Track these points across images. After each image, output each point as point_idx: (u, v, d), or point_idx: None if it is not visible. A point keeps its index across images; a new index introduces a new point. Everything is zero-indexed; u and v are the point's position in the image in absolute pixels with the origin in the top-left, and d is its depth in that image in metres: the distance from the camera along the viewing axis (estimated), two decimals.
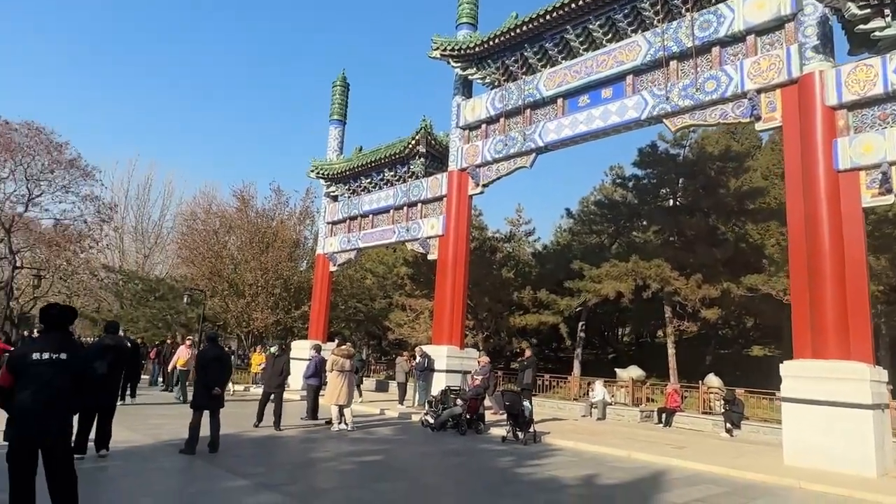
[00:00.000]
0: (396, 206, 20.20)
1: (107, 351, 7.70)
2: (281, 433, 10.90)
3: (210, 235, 26.93)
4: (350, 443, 10.38)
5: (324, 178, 22.93)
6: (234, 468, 7.44)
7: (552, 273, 22.26)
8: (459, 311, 17.36)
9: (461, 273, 17.50)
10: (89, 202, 28.34)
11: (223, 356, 8.98)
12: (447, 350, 16.68)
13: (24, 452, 4.46)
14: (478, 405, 12.69)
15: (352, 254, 22.12)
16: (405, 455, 9.44)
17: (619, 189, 22.88)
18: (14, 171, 25.09)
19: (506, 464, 9.03)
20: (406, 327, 24.70)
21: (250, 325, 25.68)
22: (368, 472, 7.78)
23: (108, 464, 7.32)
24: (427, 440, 11.40)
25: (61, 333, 4.74)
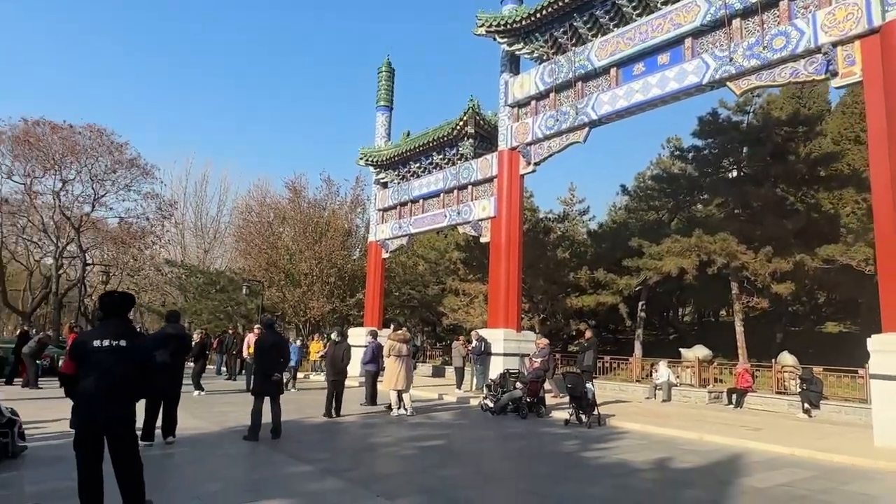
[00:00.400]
0: (446, 189, 19.95)
1: (169, 340, 7.80)
2: (342, 419, 10.91)
3: (265, 227, 27.46)
4: (410, 428, 10.27)
5: (373, 165, 22.90)
6: (297, 454, 7.42)
7: (609, 252, 21.54)
8: (515, 294, 17.01)
9: (515, 254, 17.12)
10: (150, 200, 29.44)
11: (281, 343, 8.99)
12: (504, 333, 16.40)
13: (89, 439, 4.48)
14: (538, 388, 12.38)
15: (403, 240, 22.05)
16: (466, 439, 9.25)
17: (678, 161, 21.85)
18: (80, 172, 26.28)
19: (571, 447, 8.71)
20: (460, 312, 24.53)
21: (307, 314, 26.09)
22: (430, 457, 7.61)
23: (175, 451, 7.43)
24: (487, 424, 11.19)
25: (120, 321, 4.73)
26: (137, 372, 4.69)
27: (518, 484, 6.40)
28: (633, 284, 20.09)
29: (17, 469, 6.17)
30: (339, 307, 26.65)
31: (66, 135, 25.30)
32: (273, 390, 8.64)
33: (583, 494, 5.94)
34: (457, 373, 17.04)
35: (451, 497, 5.67)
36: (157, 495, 5.24)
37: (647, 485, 6.56)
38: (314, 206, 27.91)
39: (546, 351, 13.49)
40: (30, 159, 25.02)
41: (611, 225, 23.53)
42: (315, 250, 26.18)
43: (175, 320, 8.04)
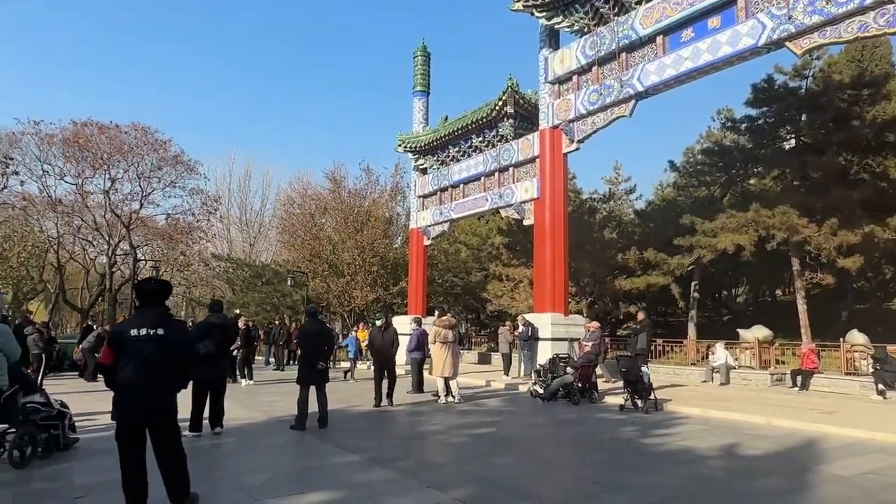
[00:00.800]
0: (487, 172, 19.51)
1: (213, 330, 7.70)
2: (389, 408, 10.72)
3: (307, 219, 27.62)
4: (459, 415, 10.00)
5: (411, 151, 22.64)
6: (344, 443, 7.22)
7: (658, 231, 20.71)
8: (561, 276, 16.51)
9: (560, 236, 16.60)
10: (196, 196, 30.02)
11: (325, 331, 8.82)
12: (551, 318, 15.95)
13: (129, 429, 4.34)
14: (590, 373, 11.91)
15: (445, 226, 21.75)
16: (518, 426, 8.91)
17: (730, 133, 20.74)
18: (127, 171, 26.98)
19: (630, 434, 8.26)
20: (505, 298, 24.13)
21: (351, 304, 26.16)
22: (481, 446, 7.30)
23: (223, 441, 7.34)
24: (538, 411, 10.81)
25: (158, 309, 4.55)
26: (176, 361, 4.53)
27: (576, 472, 6.02)
28: (686, 264, 19.25)
29: (68, 461, 6.15)
30: (382, 296, 26.62)
31: (112, 134, 25.99)
32: (318, 379, 8.48)
33: (649, 484, 5.51)
34: (504, 359, 16.68)
35: (505, 487, 5.35)
36: (203, 486, 5.09)
37: (717, 473, 6.08)
38: (354, 196, 27.90)
39: (597, 334, 12.98)
40: (80, 160, 25.82)
41: (659, 203, 22.59)
42: (357, 240, 26.17)
43: (218, 310, 7.94)
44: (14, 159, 24.04)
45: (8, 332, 5.31)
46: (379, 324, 11.80)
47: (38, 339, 11.63)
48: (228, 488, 5.20)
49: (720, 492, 5.38)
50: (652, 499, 5.02)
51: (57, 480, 5.43)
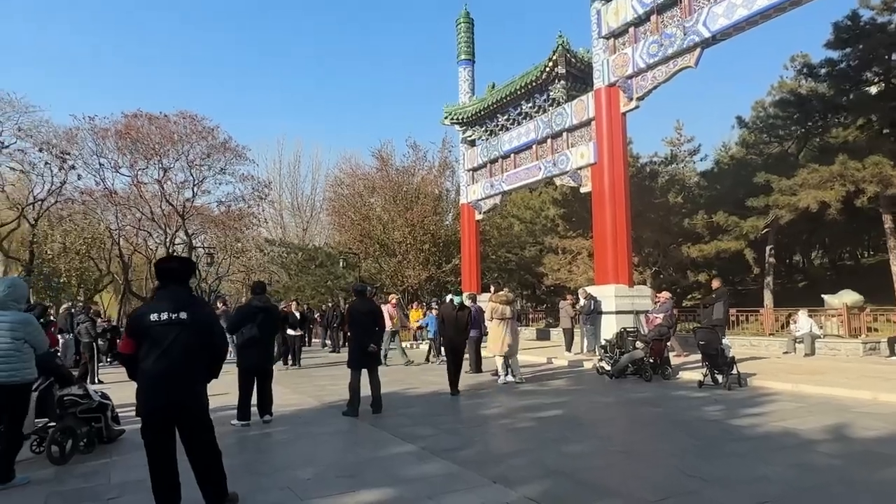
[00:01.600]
0: (539, 139, 18.49)
1: (256, 313, 7.24)
2: (446, 390, 10.13)
3: (356, 199, 27.30)
4: (521, 396, 9.31)
5: (458, 123, 21.81)
6: (399, 430, 6.66)
7: (728, 193, 19.16)
8: (624, 245, 15.46)
9: (622, 201, 15.51)
10: (246, 181, 30.22)
11: (375, 310, 8.24)
12: (614, 289, 14.96)
13: (156, 426, 3.85)
14: (662, 347, 10.97)
15: (496, 199, 20.91)
16: (588, 408, 8.13)
17: (807, 80, 18.86)
18: (178, 160, 27.32)
19: (716, 414, 7.36)
20: (562, 271, 23.15)
21: (404, 283, 25.78)
22: (550, 430, 6.58)
23: (272, 430, 6.91)
24: (608, 389, 10.00)
25: (181, 290, 4.02)
26: (204, 349, 4.00)
27: (663, 461, 5.22)
28: (760, 226, 17.74)
29: (110, 456, 5.82)
30: (435, 274, 26.12)
31: (161, 124, 26.32)
32: (370, 362, 7.95)
33: (754, 476, 4.67)
34: (565, 335, 15.84)
35: (582, 481, 4.63)
36: (246, 483, 4.61)
37: (832, 461, 5.16)
38: (402, 174, 27.34)
39: (668, 305, 11.97)
40: (133, 151, 26.30)
41: (727, 163, 20.90)
42: (406, 217, 25.67)
43: (261, 292, 7.47)
44: (70, 154, 24.72)
45: (32, 321, 4.94)
46: (456, 301, 10.16)
47: (89, 328, 11.57)
48: (273, 486, 4.70)
49: (846, 486, 4.48)
50: (762, 495, 4.19)
51: (94, 478, 5.07)
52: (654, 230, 20.53)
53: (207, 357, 4.06)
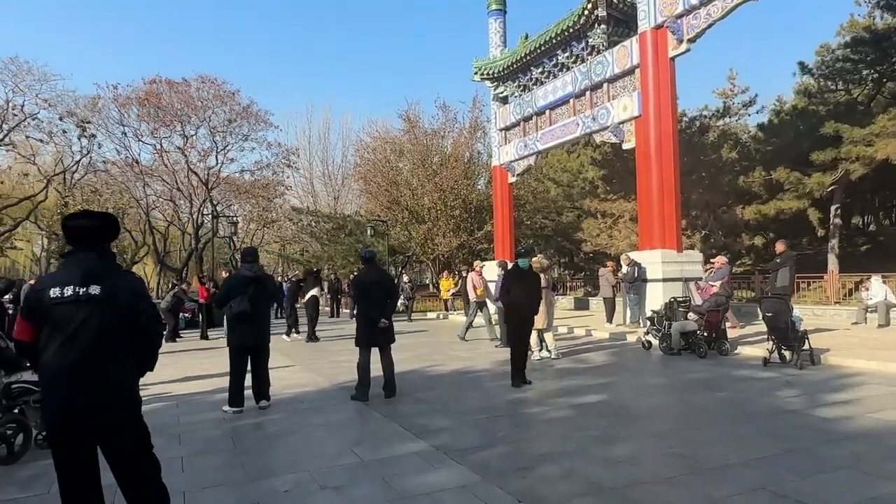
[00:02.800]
0: (577, 92, 16.90)
1: (247, 284, 6.27)
2: (475, 366, 9.11)
3: (383, 163, 26.17)
4: (557, 375, 8.20)
5: (489, 78, 20.30)
6: (412, 421, 5.66)
7: (790, 146, 17.23)
8: (672, 205, 13.97)
9: (670, 156, 13.97)
10: (272, 148, 29.45)
11: (384, 279, 7.16)
12: (661, 254, 13.56)
13: (64, 436, 2.86)
14: (719, 319, 9.65)
15: (530, 160, 19.46)
16: (635, 392, 6.95)
17: (884, 15, 16.59)
18: (199, 127, 26.63)
19: (792, 402, 6.10)
20: (602, 236, 21.69)
21: (434, 251, 24.75)
22: (590, 422, 5.46)
23: (266, 418, 5.99)
24: (657, 367, 8.79)
25: (90, 257, 2.97)
26: (129, 332, 2.99)
27: (740, 474, 4.03)
28: (827, 183, 15.88)
29: None
30: (467, 241, 24.96)
31: (181, 89, 25.61)
32: (381, 339, 6.93)
33: (872, 497, 3.47)
34: (606, 304, 14.57)
35: (636, 502, 3.53)
36: (207, 498, 3.67)
37: None
38: (431, 136, 26.01)
39: (725, 271, 10.61)
40: (154, 118, 25.70)
41: (789, 112, 18.89)
42: (436, 182, 24.45)
43: (251, 259, 6.46)
44: (91, 123, 24.28)
45: None
46: (522, 264, 7.79)
47: None
48: (242, 500, 3.74)
49: None
50: None
51: (34, 485, 4.18)
52: (703, 190, 18.84)
53: (135, 343, 3.05)
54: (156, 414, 6.30)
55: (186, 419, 6.03)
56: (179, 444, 5.12)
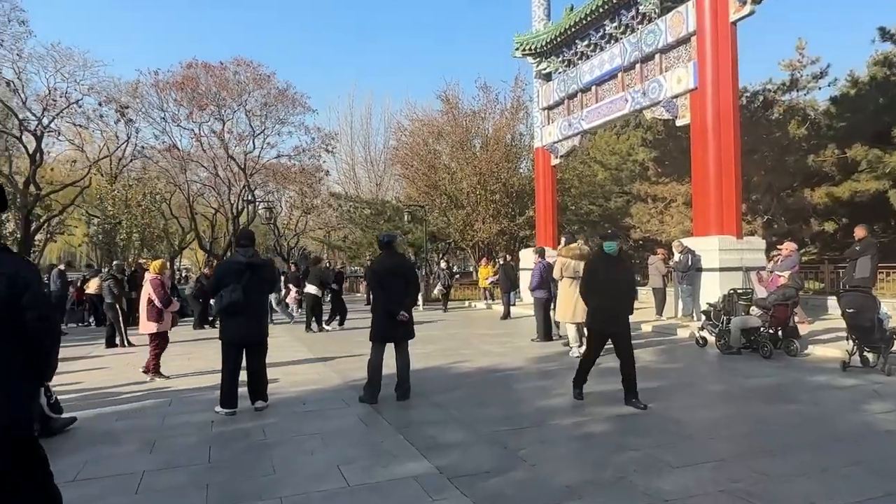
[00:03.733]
0: (626, 65, 15.60)
1: (241, 271, 5.56)
2: (506, 363, 8.23)
3: (420, 146, 25.32)
4: (597, 377, 7.17)
5: (531, 54, 19.14)
6: (421, 432, 4.85)
7: (868, 121, 15.41)
8: (731, 187, 12.65)
9: (729, 133, 12.65)
10: (311, 133, 29.06)
11: (404, 267, 6.36)
12: (718, 241, 12.29)
13: None
14: (787, 314, 8.43)
15: (575, 140, 18.26)
16: (690, 400, 5.93)
17: None
18: (236, 111, 26.44)
19: (886, 419, 4.98)
20: (652, 222, 20.30)
21: (474, 238, 23.82)
22: (635, 442, 4.51)
23: (258, 423, 5.28)
24: (714, 369, 7.71)
25: None
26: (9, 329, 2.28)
27: None
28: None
29: None
30: (507, 227, 23.91)
31: (217, 73, 25.43)
32: (398, 335, 6.14)
33: None
34: (656, 295, 13.39)
35: None
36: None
37: None
38: (471, 118, 24.96)
39: (794, 259, 9.36)
40: (191, 102, 25.65)
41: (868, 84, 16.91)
42: (475, 165, 23.44)
43: (247, 244, 5.75)
44: (129, 108, 24.40)
45: None
46: (609, 248, 5.85)
47: (112, 287, 10.53)
48: None
49: None
50: None
51: None
52: (765, 172, 17.23)
53: (18, 347, 2.34)
54: (142, 414, 5.73)
55: (171, 421, 5.40)
56: (150, 452, 4.47)
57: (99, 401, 6.37)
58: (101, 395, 6.63)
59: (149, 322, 7.42)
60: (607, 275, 5.77)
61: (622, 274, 5.94)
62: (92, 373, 8.15)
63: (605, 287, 5.73)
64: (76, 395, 6.69)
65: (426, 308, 18.84)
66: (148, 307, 7.40)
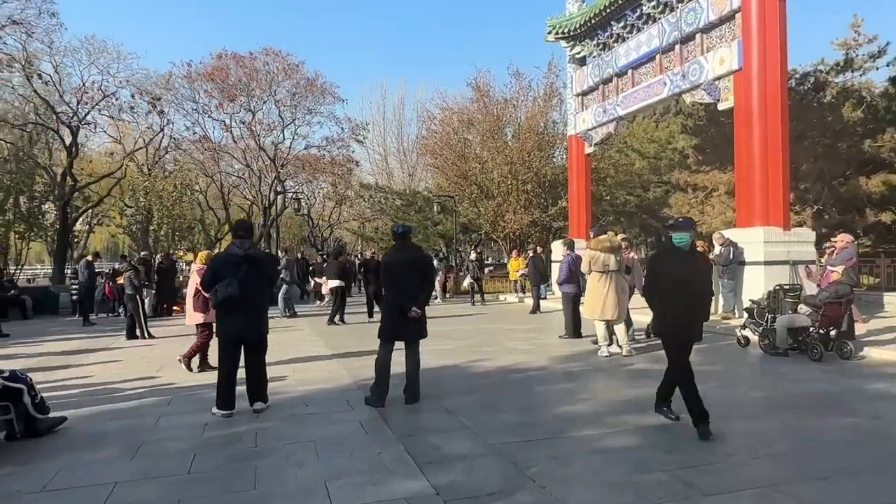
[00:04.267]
0: (664, 47, 14.77)
1: (236, 265, 5.21)
2: (528, 364, 7.74)
3: (450, 136, 24.78)
4: (628, 380, 6.68)
5: (564, 37, 18.39)
6: (424, 442, 4.44)
7: None
8: (778, 175, 11.82)
9: (776, 117, 11.80)
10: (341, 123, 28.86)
11: (418, 260, 5.90)
12: (763, 233, 11.49)
13: None
14: (840, 313, 7.69)
15: (610, 127, 17.47)
16: (728, 408, 5.31)
17: None
18: (265, 102, 26.39)
19: None
20: (692, 213, 19.37)
21: (505, 229, 23.22)
22: (662, 459, 3.99)
23: (252, 427, 4.92)
24: (757, 372, 7.06)
25: None
26: None
27: None
28: None
29: (14, 460, 4.16)
30: (539, 218, 23.22)
31: (246, 63, 25.39)
32: (410, 333, 5.72)
33: None
34: None
35: None
36: None
37: None
38: (502, 105, 24.29)
39: (850, 252, 8.55)
40: (221, 93, 25.69)
41: None
42: (506, 154, 22.80)
43: (245, 235, 5.40)
44: (161, 100, 24.62)
45: None
46: (679, 240, 4.65)
47: (132, 278, 10.42)
48: None
49: None
50: None
51: None
52: (815, 159, 16.14)
53: None
54: (139, 413, 5.46)
55: (165, 422, 5.11)
56: (131, 459, 4.16)
57: (102, 397, 6.15)
58: (105, 391, 6.42)
59: (195, 313, 7.23)
60: (676, 274, 4.56)
61: (696, 273, 4.63)
62: (104, 366, 7.99)
63: (673, 291, 4.56)
64: (82, 390, 6.51)
65: (451, 301, 18.44)
66: (195, 298, 7.19)
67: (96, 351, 9.44)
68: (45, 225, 23.53)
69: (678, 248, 4.67)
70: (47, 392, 6.36)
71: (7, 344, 10.69)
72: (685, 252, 4.66)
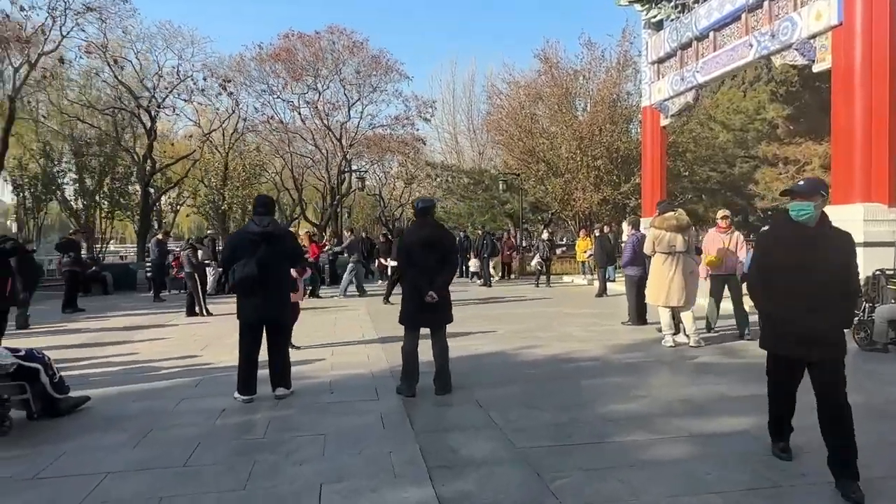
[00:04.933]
0: (751, 4, 13.30)
1: (254, 243, 4.92)
2: (581, 354, 7.10)
3: (517, 111, 23.85)
4: (691, 374, 5.93)
5: (639, 0, 17.07)
6: (444, 442, 4.00)
7: None
8: (884, 145, 10.40)
9: (884, 78, 10.37)
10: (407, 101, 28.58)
11: (437, 239, 5.35)
12: (863, 210, 10.15)
13: None
14: None
15: (688, 96, 16.09)
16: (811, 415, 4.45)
17: None
18: (331, 81, 26.45)
19: None
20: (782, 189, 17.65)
21: (574, 207, 22.19)
22: (721, 479, 3.35)
23: (269, 415, 4.64)
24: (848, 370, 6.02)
25: None
26: None
27: None
28: None
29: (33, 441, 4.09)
30: (611, 196, 21.99)
31: (312, 42, 25.49)
32: (430, 319, 5.27)
33: None
34: None
35: None
36: None
37: None
38: (572, 77, 23.04)
39: None
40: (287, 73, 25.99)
41: None
42: (575, 129, 21.66)
43: (264, 211, 5.08)
44: (231, 82, 25.21)
45: None
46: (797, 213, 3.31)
47: (190, 256, 10.58)
48: None
49: None
50: None
51: None
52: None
53: None
54: (162, 394, 5.34)
55: (185, 406, 4.93)
56: (135, 447, 3.97)
57: (137, 376, 6.12)
58: (143, 370, 6.40)
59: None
60: (793, 259, 3.31)
61: (824, 255, 3.26)
62: (152, 343, 8.07)
63: (786, 281, 3.34)
64: (122, 367, 6.54)
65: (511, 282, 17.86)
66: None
67: (152, 328, 9.63)
68: (130, 205, 24.84)
69: (798, 223, 3.32)
70: (89, 369, 6.46)
71: (80, 318, 11.17)
72: (808, 229, 3.30)
